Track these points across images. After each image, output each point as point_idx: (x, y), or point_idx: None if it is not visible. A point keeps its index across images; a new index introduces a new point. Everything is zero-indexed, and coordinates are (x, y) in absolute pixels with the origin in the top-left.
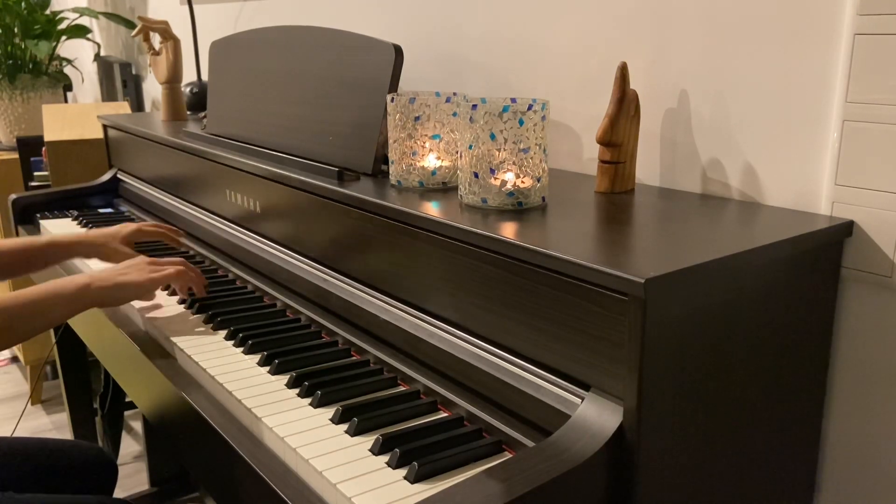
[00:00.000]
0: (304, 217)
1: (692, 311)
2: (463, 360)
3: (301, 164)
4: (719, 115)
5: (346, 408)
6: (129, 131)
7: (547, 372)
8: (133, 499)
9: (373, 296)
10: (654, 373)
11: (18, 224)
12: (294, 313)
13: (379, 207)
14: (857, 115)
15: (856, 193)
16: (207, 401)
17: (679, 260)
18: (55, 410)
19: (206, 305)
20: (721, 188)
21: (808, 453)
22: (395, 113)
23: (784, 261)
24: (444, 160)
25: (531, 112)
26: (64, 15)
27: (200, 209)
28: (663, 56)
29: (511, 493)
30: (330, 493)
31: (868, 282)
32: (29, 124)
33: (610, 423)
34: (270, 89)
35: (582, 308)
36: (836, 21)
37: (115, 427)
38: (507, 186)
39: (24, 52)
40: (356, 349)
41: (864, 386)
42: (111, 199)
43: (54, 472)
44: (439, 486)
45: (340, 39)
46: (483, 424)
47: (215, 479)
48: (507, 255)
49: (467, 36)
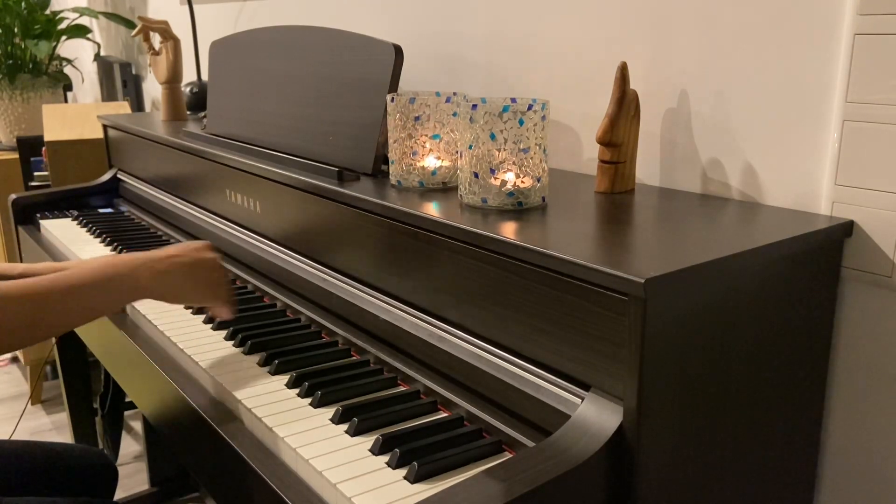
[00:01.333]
0: (304, 217)
1: (692, 311)
2: (463, 359)
3: (301, 164)
4: (719, 115)
5: (346, 408)
6: (129, 131)
7: (547, 372)
8: (133, 499)
9: (373, 296)
10: (654, 373)
11: (18, 224)
12: (294, 313)
13: (379, 207)
14: (857, 115)
15: (856, 193)
16: (207, 401)
17: (679, 260)
18: (55, 410)
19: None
20: (721, 188)
21: (808, 453)
22: (395, 113)
23: (784, 261)
24: (444, 160)
25: (531, 112)
26: (64, 15)
27: (200, 209)
28: (663, 56)
29: (511, 493)
30: (330, 493)
31: (868, 282)
32: (29, 124)
33: (610, 423)
34: (270, 89)
35: (582, 308)
36: (836, 21)
37: (115, 427)
38: (507, 186)
39: (24, 52)
40: (356, 349)
41: (864, 386)
42: (111, 199)
43: (54, 476)
44: (439, 486)
45: (341, 39)
46: (483, 424)
47: (215, 479)
48: (507, 255)
49: (467, 36)
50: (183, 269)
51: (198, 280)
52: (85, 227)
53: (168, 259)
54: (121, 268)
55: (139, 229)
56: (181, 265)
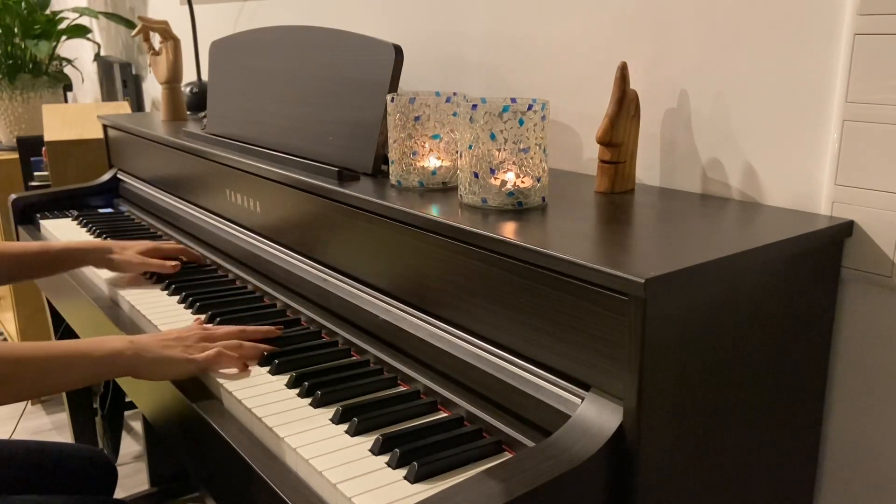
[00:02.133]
0: (305, 217)
1: (692, 311)
2: (463, 359)
3: (301, 164)
4: (719, 115)
5: (346, 408)
6: (129, 131)
7: (547, 372)
8: (133, 499)
9: (373, 296)
10: (654, 373)
11: (18, 224)
12: (294, 313)
13: (379, 207)
14: (857, 115)
15: (856, 193)
16: (207, 401)
17: (679, 260)
18: (55, 410)
19: (206, 305)
20: (721, 188)
21: (809, 453)
22: (395, 113)
23: (784, 261)
24: (444, 160)
25: (531, 112)
26: (64, 15)
27: (200, 209)
28: (663, 56)
29: (511, 493)
30: (330, 493)
31: (868, 282)
32: (29, 124)
33: (610, 423)
34: (270, 89)
35: (582, 308)
36: (836, 21)
37: (115, 427)
38: (507, 186)
39: (24, 52)
40: (356, 349)
41: (864, 386)
42: (111, 199)
43: (53, 475)
44: (439, 486)
45: (340, 39)
46: (483, 424)
47: (215, 479)
48: (507, 255)
49: (467, 36)
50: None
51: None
52: (85, 227)
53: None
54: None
55: (139, 229)
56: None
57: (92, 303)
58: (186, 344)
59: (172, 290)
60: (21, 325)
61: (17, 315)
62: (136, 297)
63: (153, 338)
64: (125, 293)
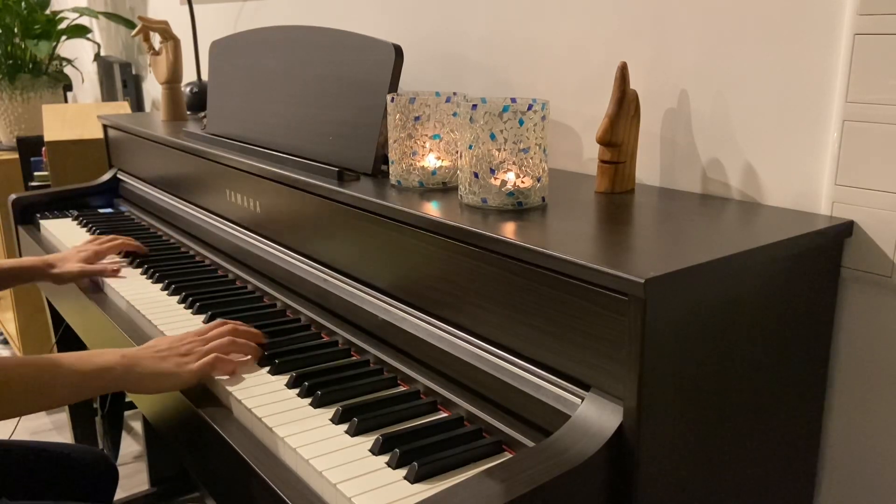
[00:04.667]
0: (304, 217)
1: (692, 310)
2: (463, 360)
3: (301, 164)
4: (719, 115)
5: (346, 408)
6: (129, 131)
7: (547, 372)
8: (133, 499)
9: (373, 296)
10: (653, 373)
11: (18, 224)
12: (294, 313)
13: (379, 207)
14: (857, 115)
15: (856, 193)
16: (207, 401)
17: (679, 260)
18: (55, 411)
19: (206, 305)
20: (721, 188)
21: (808, 453)
22: (395, 113)
23: (784, 261)
24: (444, 160)
25: (531, 112)
26: (64, 15)
27: (200, 209)
28: (663, 56)
29: (511, 493)
30: (330, 493)
31: (868, 282)
32: (29, 124)
33: (610, 423)
34: (270, 89)
35: (582, 308)
36: (836, 21)
37: (115, 427)
38: (507, 186)
39: (24, 52)
40: (356, 349)
41: (864, 385)
42: (111, 199)
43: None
44: (439, 486)
45: (340, 39)
46: (483, 424)
47: (215, 479)
48: (508, 255)
49: (467, 36)
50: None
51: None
52: (85, 227)
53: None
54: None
55: (139, 229)
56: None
57: (92, 303)
58: (180, 353)
59: (172, 290)
60: (21, 326)
61: (17, 315)
62: (135, 297)
63: (146, 350)
64: (125, 293)
